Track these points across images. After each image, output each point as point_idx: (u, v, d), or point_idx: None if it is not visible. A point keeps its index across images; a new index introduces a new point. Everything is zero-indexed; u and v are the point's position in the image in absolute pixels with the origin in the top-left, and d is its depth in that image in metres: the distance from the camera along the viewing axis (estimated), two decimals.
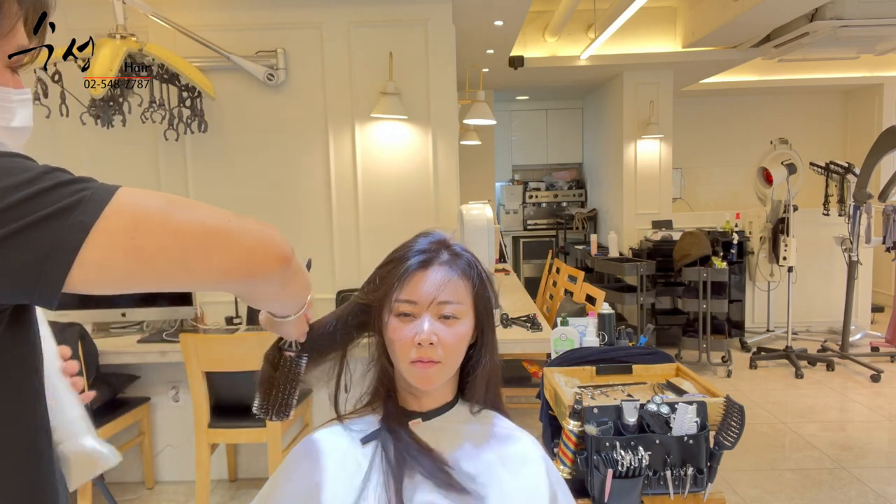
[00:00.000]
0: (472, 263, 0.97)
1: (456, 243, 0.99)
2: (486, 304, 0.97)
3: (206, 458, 2.66)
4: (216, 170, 3.54)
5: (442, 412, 0.97)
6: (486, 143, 6.59)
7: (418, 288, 0.92)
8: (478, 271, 0.97)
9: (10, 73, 0.65)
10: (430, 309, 0.91)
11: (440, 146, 3.58)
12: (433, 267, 0.93)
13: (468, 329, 0.95)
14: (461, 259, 0.96)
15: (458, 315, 0.93)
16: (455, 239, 1.00)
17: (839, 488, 2.95)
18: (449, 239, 0.99)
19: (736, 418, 1.45)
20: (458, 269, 0.95)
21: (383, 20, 3.48)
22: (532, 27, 5.32)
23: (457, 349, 0.93)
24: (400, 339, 0.92)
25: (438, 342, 0.90)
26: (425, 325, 0.90)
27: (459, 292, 0.93)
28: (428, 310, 0.91)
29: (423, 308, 0.91)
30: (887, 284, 6.25)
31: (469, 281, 0.95)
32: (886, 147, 4.62)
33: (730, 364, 4.69)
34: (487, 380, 0.99)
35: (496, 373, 1.00)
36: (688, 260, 4.74)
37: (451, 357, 0.93)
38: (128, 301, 2.97)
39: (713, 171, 7.45)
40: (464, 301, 0.94)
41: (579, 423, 1.47)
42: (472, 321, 0.96)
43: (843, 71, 6.43)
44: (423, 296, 0.91)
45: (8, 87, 0.65)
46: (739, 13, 4.16)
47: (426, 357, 0.90)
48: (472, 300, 0.96)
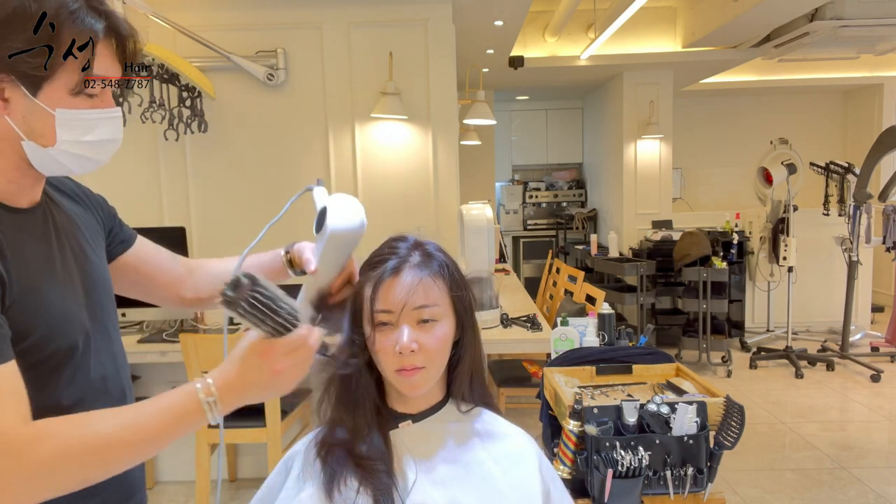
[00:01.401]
0: (445, 263, 0.95)
1: (429, 242, 0.97)
2: (464, 301, 0.96)
3: (206, 458, 2.66)
4: (216, 170, 3.54)
5: (432, 413, 0.97)
6: (486, 143, 6.59)
7: (390, 295, 0.90)
8: (450, 270, 0.95)
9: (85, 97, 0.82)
10: (406, 315, 0.90)
11: (440, 146, 3.58)
12: (404, 272, 0.91)
13: (449, 329, 0.93)
14: (433, 259, 0.94)
15: (436, 317, 0.91)
16: (424, 237, 0.98)
17: (839, 488, 2.95)
18: (420, 239, 0.97)
19: (736, 418, 1.45)
20: (430, 270, 0.93)
21: (383, 20, 3.48)
22: (532, 27, 5.32)
23: (439, 352, 0.92)
24: (381, 350, 0.91)
25: (420, 349, 0.89)
26: (404, 335, 0.89)
27: (434, 293, 0.92)
28: (404, 317, 0.90)
29: (399, 315, 0.90)
30: (887, 284, 6.25)
31: (443, 280, 0.94)
32: (886, 147, 4.62)
33: (730, 364, 4.69)
34: (470, 376, 0.98)
35: (479, 368, 0.99)
36: (688, 260, 4.74)
37: (435, 361, 0.92)
38: (128, 301, 2.97)
39: (713, 171, 7.45)
40: (440, 301, 0.92)
41: (579, 423, 1.47)
42: (453, 320, 0.94)
43: (843, 71, 6.43)
44: (396, 303, 0.90)
45: (85, 108, 0.83)
46: (739, 13, 4.16)
47: (409, 365, 0.89)
48: (450, 299, 0.94)
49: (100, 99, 0.84)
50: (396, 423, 0.95)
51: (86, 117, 0.83)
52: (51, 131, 0.81)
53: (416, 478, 0.91)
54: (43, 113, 0.80)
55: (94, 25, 0.80)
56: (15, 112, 0.80)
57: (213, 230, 3.57)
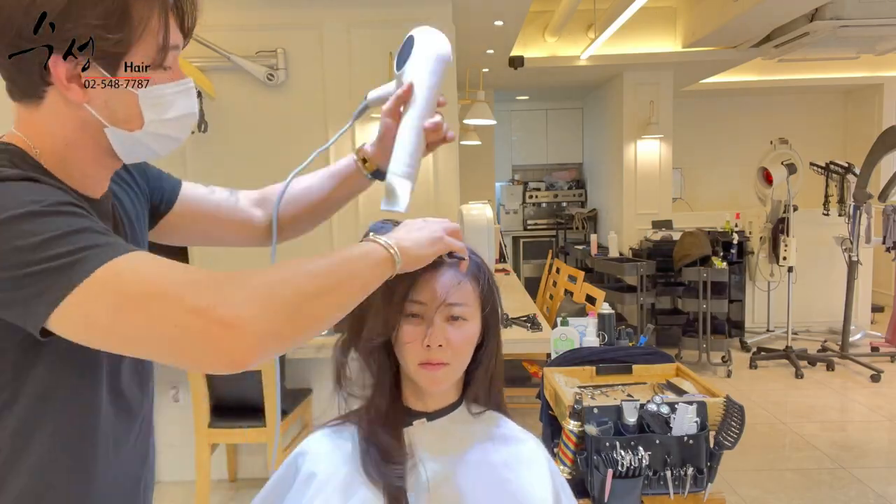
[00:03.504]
0: (481, 266, 0.97)
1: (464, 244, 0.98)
2: (493, 307, 0.98)
3: (206, 458, 2.66)
4: (216, 170, 3.54)
5: (446, 413, 0.97)
6: (486, 143, 6.59)
7: (428, 289, 0.91)
8: (485, 274, 0.98)
9: (161, 70, 0.76)
10: (439, 310, 0.91)
11: (440, 146, 3.58)
12: (443, 268, 0.93)
13: (475, 331, 0.95)
14: (470, 262, 0.96)
15: (465, 317, 0.93)
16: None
17: (839, 488, 2.95)
18: None
19: (736, 418, 1.45)
20: (468, 271, 0.94)
21: (383, 20, 3.48)
22: (532, 27, 5.31)
23: (464, 351, 0.93)
24: (409, 341, 0.91)
25: (447, 345, 0.90)
26: (435, 328, 0.90)
27: (467, 294, 0.93)
28: (437, 311, 0.91)
29: (432, 309, 0.91)
30: (887, 284, 6.25)
31: (476, 283, 0.95)
32: (886, 147, 4.62)
33: (730, 364, 4.69)
34: (490, 381, 0.99)
35: (499, 375, 1.01)
36: (688, 260, 4.74)
37: (459, 358, 0.93)
38: None
39: (713, 171, 7.45)
40: (471, 303, 0.94)
41: (579, 423, 1.47)
42: (479, 323, 0.96)
43: (843, 71, 6.42)
44: (432, 297, 0.91)
45: (164, 83, 0.76)
46: (739, 13, 4.16)
47: (435, 359, 0.90)
48: (480, 302, 0.95)
49: (174, 71, 0.78)
50: (411, 421, 0.96)
51: (168, 92, 0.77)
52: (136, 113, 0.75)
53: (429, 476, 0.91)
54: (125, 94, 0.74)
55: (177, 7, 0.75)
56: (96, 98, 0.73)
57: None
